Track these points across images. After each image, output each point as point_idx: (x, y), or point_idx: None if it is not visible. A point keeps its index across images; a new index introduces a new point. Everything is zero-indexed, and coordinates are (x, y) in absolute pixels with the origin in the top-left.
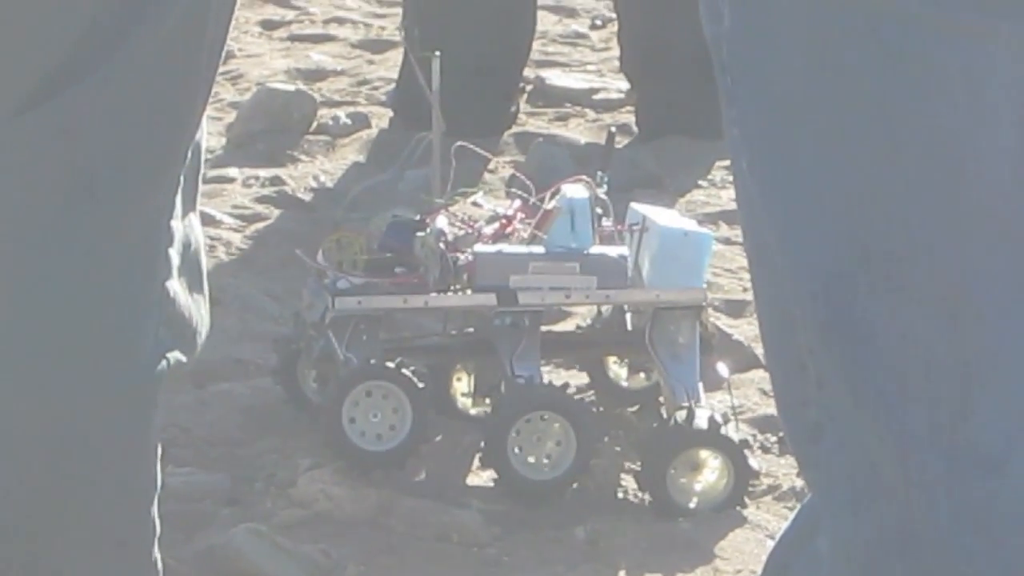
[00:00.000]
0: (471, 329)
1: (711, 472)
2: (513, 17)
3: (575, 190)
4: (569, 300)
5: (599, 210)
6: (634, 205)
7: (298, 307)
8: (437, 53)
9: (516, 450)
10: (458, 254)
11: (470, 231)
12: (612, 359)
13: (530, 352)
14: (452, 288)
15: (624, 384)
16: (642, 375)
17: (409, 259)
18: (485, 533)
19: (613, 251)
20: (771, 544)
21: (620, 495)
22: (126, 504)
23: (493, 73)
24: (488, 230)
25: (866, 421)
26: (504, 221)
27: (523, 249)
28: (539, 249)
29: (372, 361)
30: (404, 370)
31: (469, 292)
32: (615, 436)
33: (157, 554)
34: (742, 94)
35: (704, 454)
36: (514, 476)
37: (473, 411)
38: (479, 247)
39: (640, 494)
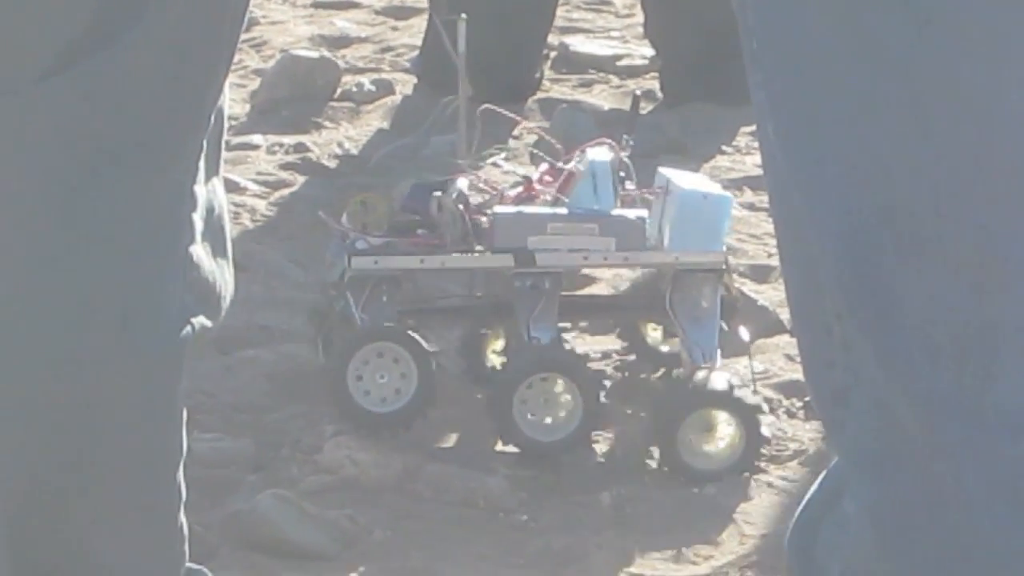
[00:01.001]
0: (496, 292)
1: (723, 434)
2: None
3: (598, 153)
4: (587, 262)
5: (622, 173)
6: (661, 169)
7: (323, 271)
8: (463, 16)
9: (528, 415)
10: (481, 216)
11: (493, 193)
12: (650, 325)
13: (547, 314)
14: (471, 249)
15: (663, 349)
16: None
17: (431, 221)
18: (511, 498)
19: (632, 213)
20: (797, 508)
21: (647, 461)
22: (152, 469)
23: (517, 39)
24: (511, 193)
25: (892, 384)
26: (527, 183)
27: (543, 210)
28: (559, 210)
29: (384, 323)
30: (412, 333)
31: (488, 254)
32: (643, 402)
33: (183, 519)
34: (768, 58)
35: (716, 415)
36: (522, 438)
37: None
38: (499, 208)
39: (662, 468)
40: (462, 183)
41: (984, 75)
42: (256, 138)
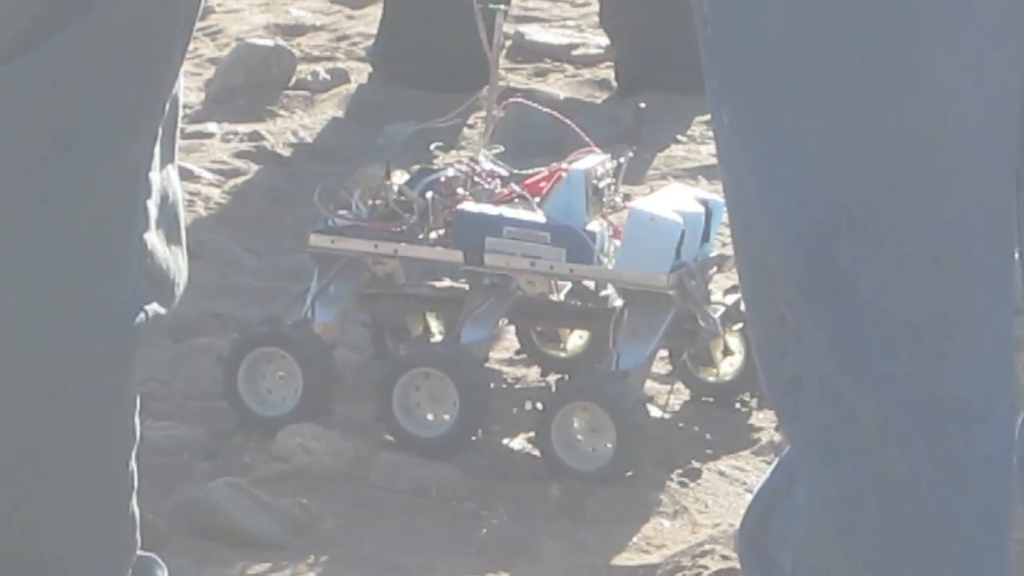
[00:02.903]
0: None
1: (594, 429)
2: None
3: (581, 163)
4: (534, 269)
5: (608, 182)
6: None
7: (277, 261)
8: (503, 7)
9: (415, 407)
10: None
11: (484, 189)
12: None
13: (488, 315)
14: (426, 241)
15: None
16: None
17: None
18: (463, 487)
19: (593, 226)
20: (749, 497)
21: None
22: (105, 456)
23: (472, 28)
24: (503, 191)
25: (845, 373)
26: (511, 186)
27: (503, 212)
28: (521, 215)
29: (264, 328)
30: (301, 333)
31: (439, 248)
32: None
33: (135, 507)
34: (722, 46)
35: (584, 408)
36: (398, 429)
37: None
38: (463, 206)
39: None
40: (451, 174)
41: (940, 66)
42: (211, 126)
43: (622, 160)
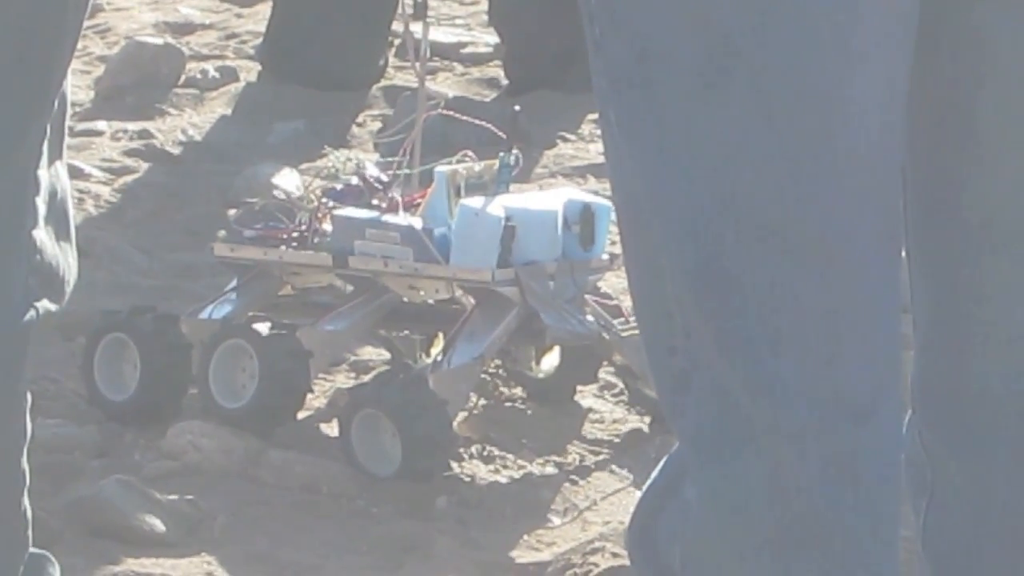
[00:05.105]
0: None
1: (385, 432)
2: None
3: (445, 166)
4: (386, 269)
5: (487, 182)
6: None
7: (167, 259)
8: (431, 19)
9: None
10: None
11: (387, 197)
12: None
13: (347, 313)
14: (305, 247)
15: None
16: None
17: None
18: (353, 485)
19: (435, 226)
20: (639, 495)
21: (488, 454)
22: None
23: (362, 26)
24: (404, 198)
25: (734, 370)
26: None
27: (365, 215)
28: (382, 217)
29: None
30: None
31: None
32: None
33: (26, 504)
34: (609, 44)
35: (372, 414)
36: (211, 403)
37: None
38: (337, 211)
39: (505, 455)
40: (357, 182)
41: (828, 66)
42: (100, 124)
43: (510, 162)
